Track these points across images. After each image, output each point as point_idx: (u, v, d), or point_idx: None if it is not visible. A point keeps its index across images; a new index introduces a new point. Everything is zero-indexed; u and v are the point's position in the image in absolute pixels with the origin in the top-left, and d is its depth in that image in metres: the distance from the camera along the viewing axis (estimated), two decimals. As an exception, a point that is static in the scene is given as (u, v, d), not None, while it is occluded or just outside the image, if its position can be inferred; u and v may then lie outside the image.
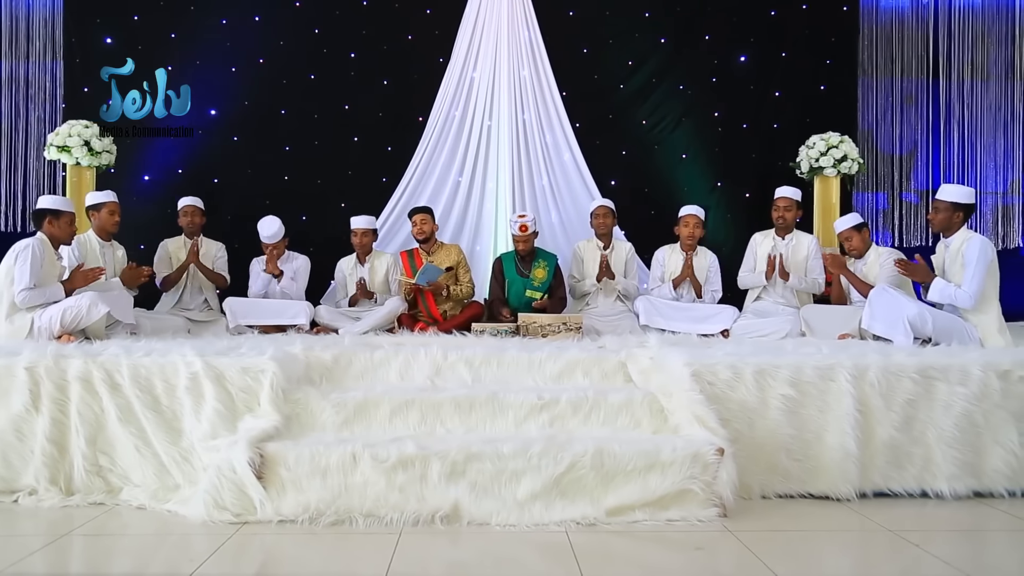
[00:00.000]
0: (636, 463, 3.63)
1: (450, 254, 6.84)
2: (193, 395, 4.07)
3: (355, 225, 6.85)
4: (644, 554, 3.26)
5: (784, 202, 6.60)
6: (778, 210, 6.62)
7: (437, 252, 6.83)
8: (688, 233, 6.71)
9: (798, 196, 6.66)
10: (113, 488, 4.04)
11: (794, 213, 6.62)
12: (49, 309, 5.07)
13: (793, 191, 6.66)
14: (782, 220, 6.59)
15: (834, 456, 4.03)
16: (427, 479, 3.60)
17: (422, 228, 6.77)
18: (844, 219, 6.21)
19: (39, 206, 5.48)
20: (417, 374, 4.61)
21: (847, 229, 6.08)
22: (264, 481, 3.60)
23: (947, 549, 3.35)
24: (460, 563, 3.20)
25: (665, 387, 4.19)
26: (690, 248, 6.74)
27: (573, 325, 5.86)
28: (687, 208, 6.81)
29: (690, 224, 6.72)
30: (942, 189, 5.42)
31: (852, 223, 6.09)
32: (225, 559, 3.19)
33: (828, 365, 4.14)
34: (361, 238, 6.82)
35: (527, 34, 8.01)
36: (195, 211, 6.85)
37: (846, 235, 6.09)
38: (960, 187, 5.44)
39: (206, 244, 6.88)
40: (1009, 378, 4.16)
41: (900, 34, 8.93)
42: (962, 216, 5.24)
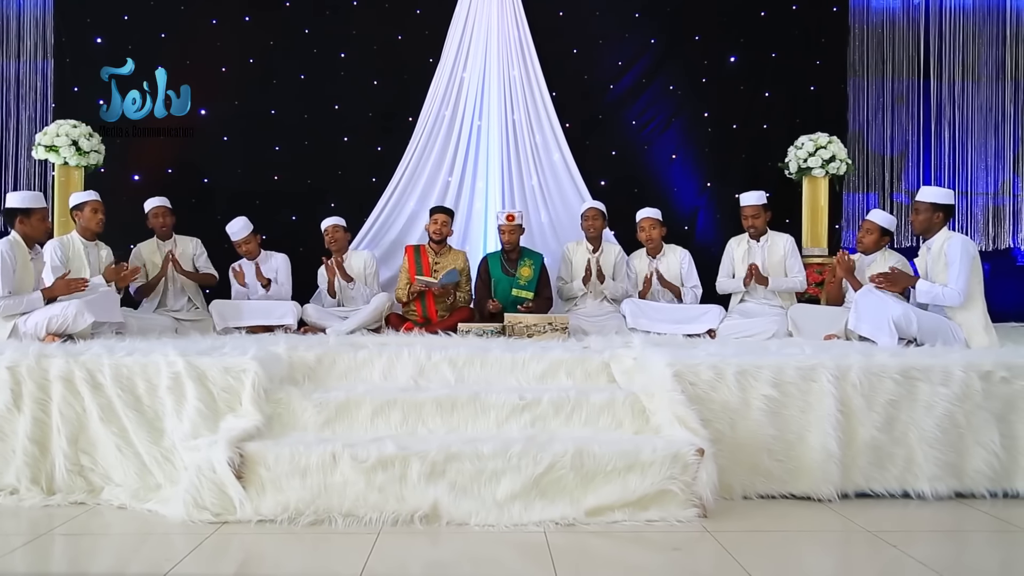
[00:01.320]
0: (616, 463, 3.63)
1: (457, 259, 6.78)
2: (175, 395, 4.09)
3: (325, 225, 6.88)
4: (622, 555, 3.26)
5: (751, 210, 6.57)
6: (746, 219, 6.60)
7: (446, 255, 6.79)
8: (646, 236, 6.73)
9: (763, 200, 6.62)
10: (94, 487, 4.06)
11: (763, 218, 6.58)
12: (34, 315, 5.03)
13: (757, 196, 6.62)
14: (753, 228, 6.58)
15: (816, 457, 4.04)
16: (407, 479, 3.60)
17: (441, 229, 6.70)
18: (882, 216, 6.07)
19: (7, 205, 5.35)
20: (400, 374, 4.62)
21: (875, 224, 5.99)
22: (244, 481, 3.61)
23: (927, 550, 3.36)
24: (438, 563, 3.20)
25: (647, 387, 4.20)
26: (655, 251, 6.74)
27: (559, 325, 5.86)
28: (642, 211, 6.83)
29: (645, 227, 6.73)
30: (922, 191, 5.44)
31: (884, 224, 6.00)
32: (203, 559, 3.20)
33: (810, 366, 4.15)
34: (332, 235, 6.81)
35: (517, 34, 7.99)
36: (165, 212, 6.73)
37: (870, 227, 5.99)
38: (939, 188, 5.46)
39: (181, 243, 6.78)
40: (991, 379, 4.17)
41: (891, 35, 8.93)
42: (942, 217, 5.26)
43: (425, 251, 6.78)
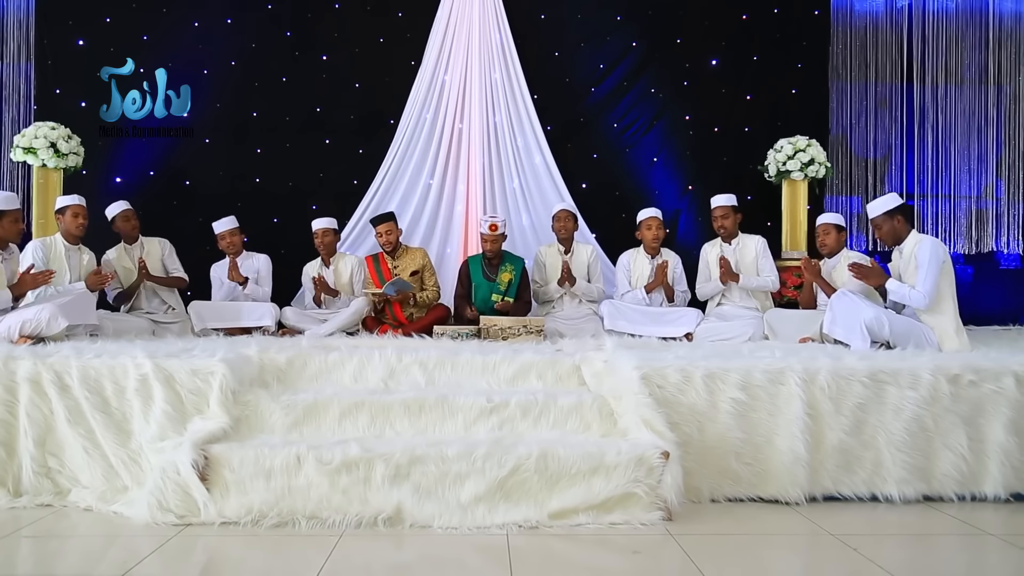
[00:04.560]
0: (580, 466, 3.63)
1: (415, 258, 6.79)
2: (142, 397, 4.08)
3: (316, 227, 6.84)
4: (583, 557, 3.26)
5: (720, 211, 6.61)
6: (716, 220, 6.64)
7: (402, 256, 6.78)
8: (653, 236, 6.70)
9: (733, 202, 6.64)
10: (62, 489, 4.04)
11: (733, 219, 6.60)
12: (7, 319, 4.96)
13: (727, 198, 6.65)
14: (723, 229, 6.60)
15: (784, 460, 4.03)
16: (371, 481, 3.59)
17: (388, 239, 6.68)
18: (830, 216, 6.26)
19: None
20: (371, 376, 4.61)
21: (829, 224, 6.13)
22: (208, 483, 3.60)
23: (894, 554, 3.35)
24: (400, 565, 3.19)
25: (615, 390, 4.20)
26: (654, 251, 6.74)
27: (534, 328, 5.87)
28: (647, 211, 6.81)
29: (653, 227, 6.71)
30: (869, 207, 5.49)
31: (835, 221, 6.15)
32: (165, 561, 3.19)
33: (778, 369, 4.14)
34: (322, 238, 6.80)
35: (498, 37, 8.02)
36: (131, 215, 6.59)
37: (826, 229, 6.12)
38: (883, 197, 5.47)
39: (148, 245, 6.65)
40: (959, 382, 4.16)
41: (874, 38, 8.98)
42: (903, 220, 5.28)
43: (383, 258, 6.78)
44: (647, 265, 6.74)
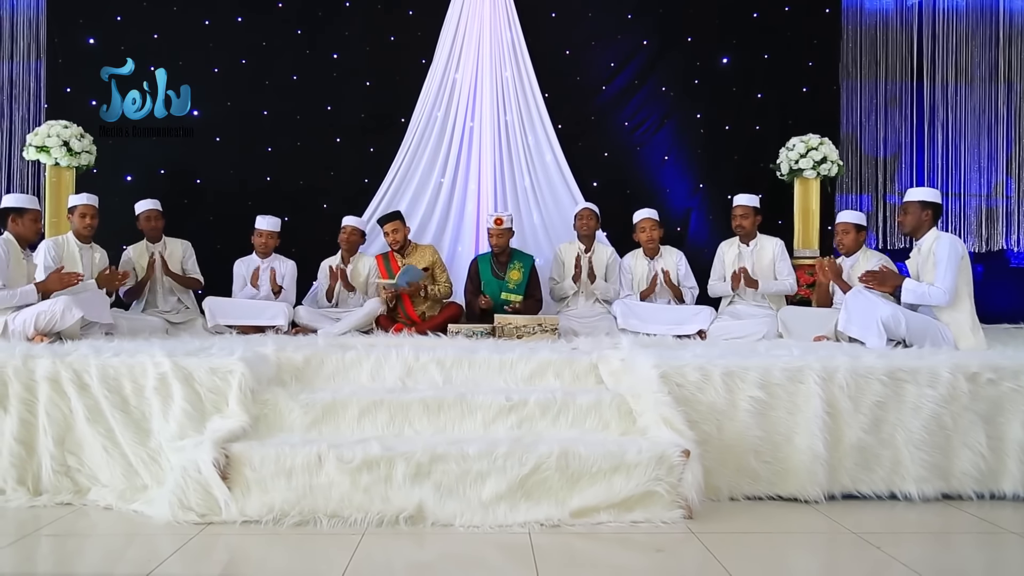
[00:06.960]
0: (601, 465, 3.63)
1: (424, 255, 6.81)
2: (161, 395, 4.08)
3: (345, 223, 6.88)
4: (606, 556, 3.26)
5: (741, 210, 6.61)
6: (735, 219, 6.64)
7: (412, 254, 6.81)
8: (647, 237, 6.72)
9: (755, 202, 6.65)
10: (81, 488, 4.05)
11: (752, 220, 6.60)
12: (23, 312, 5.04)
13: (749, 198, 6.65)
14: (741, 228, 6.60)
15: (802, 458, 4.03)
16: (392, 480, 3.59)
17: (395, 238, 6.73)
18: (850, 215, 6.20)
19: (2, 204, 5.47)
20: (388, 375, 4.61)
21: (848, 224, 6.11)
22: (229, 482, 3.60)
23: (913, 552, 3.35)
24: (422, 564, 3.19)
25: (634, 389, 4.19)
26: (653, 252, 6.73)
27: (549, 326, 5.87)
28: (641, 212, 6.83)
29: (647, 228, 6.72)
30: (910, 191, 5.44)
31: (856, 220, 6.13)
32: (187, 559, 3.19)
33: (797, 367, 4.14)
34: (349, 235, 6.85)
35: (509, 35, 8.01)
36: (156, 215, 6.70)
37: (845, 228, 6.11)
38: (927, 188, 5.48)
39: (170, 245, 6.76)
40: (978, 380, 4.16)
41: (884, 36, 8.95)
42: (931, 215, 5.25)
43: (393, 256, 6.81)
44: (645, 267, 6.75)
